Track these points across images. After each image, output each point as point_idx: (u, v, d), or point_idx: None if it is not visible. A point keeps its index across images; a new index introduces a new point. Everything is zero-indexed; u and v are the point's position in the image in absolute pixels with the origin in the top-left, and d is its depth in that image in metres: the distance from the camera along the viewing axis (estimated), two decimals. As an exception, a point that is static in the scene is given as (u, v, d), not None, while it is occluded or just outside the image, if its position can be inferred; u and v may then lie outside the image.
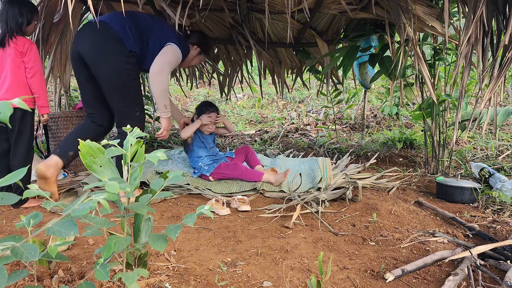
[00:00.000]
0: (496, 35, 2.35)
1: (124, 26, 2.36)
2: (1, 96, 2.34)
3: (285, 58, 4.22)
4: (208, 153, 3.10)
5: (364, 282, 1.56)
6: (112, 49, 2.32)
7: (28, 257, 0.84)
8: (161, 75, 2.41)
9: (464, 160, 3.54)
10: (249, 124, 6.20)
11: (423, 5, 2.63)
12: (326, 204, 2.48)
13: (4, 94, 2.35)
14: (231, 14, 3.47)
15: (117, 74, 2.34)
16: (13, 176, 0.94)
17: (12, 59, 2.34)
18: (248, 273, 1.59)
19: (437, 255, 1.71)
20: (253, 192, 2.79)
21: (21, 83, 2.37)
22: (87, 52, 2.34)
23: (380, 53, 3.20)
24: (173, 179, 1.20)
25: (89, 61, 2.34)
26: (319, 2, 2.99)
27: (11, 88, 2.35)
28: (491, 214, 2.32)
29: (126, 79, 2.36)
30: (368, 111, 6.25)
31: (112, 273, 1.50)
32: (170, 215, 2.33)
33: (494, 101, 2.41)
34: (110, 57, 2.32)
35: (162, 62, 2.43)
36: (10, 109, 0.90)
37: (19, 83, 2.36)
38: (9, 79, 2.34)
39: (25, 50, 2.35)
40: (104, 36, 2.32)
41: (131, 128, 1.21)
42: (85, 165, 1.19)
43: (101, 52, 2.32)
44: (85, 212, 0.88)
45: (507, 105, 5.25)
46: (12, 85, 2.35)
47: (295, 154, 4.07)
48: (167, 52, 2.46)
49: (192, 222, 1.12)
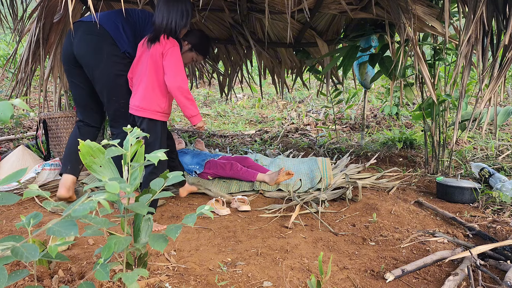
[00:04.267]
0: (496, 35, 2.35)
1: (117, 27, 2.32)
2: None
3: (285, 58, 4.22)
4: (190, 154, 3.20)
5: (364, 282, 1.56)
6: (107, 52, 2.28)
7: (28, 257, 0.84)
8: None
9: (464, 160, 3.54)
10: (249, 124, 6.20)
11: (423, 5, 2.63)
12: (326, 204, 2.48)
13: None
14: (231, 14, 3.47)
15: (112, 76, 2.31)
16: (13, 176, 0.94)
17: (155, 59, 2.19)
18: (248, 273, 1.59)
19: (437, 255, 1.71)
20: (253, 192, 2.79)
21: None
22: (82, 55, 2.31)
23: (380, 53, 3.20)
24: (173, 179, 1.20)
25: (84, 63, 2.33)
26: (319, 2, 2.99)
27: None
28: (491, 214, 2.32)
29: (120, 81, 2.34)
30: (368, 111, 6.25)
31: (112, 273, 1.50)
32: (170, 215, 2.33)
33: (494, 101, 2.41)
34: (104, 59, 2.29)
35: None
36: (10, 109, 0.90)
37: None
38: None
39: (165, 51, 2.18)
40: (99, 39, 2.29)
41: (131, 128, 1.21)
42: (85, 165, 1.19)
43: (96, 55, 2.29)
44: (85, 212, 0.88)
45: (507, 105, 5.25)
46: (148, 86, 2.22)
47: (295, 154, 4.07)
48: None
49: (192, 222, 1.12)
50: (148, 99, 2.17)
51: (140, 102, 2.18)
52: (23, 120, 5.15)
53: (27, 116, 5.18)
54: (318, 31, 3.67)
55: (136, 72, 2.27)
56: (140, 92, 2.19)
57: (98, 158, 1.21)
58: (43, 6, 3.18)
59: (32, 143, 3.72)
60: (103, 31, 2.29)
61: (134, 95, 2.25)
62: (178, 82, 2.15)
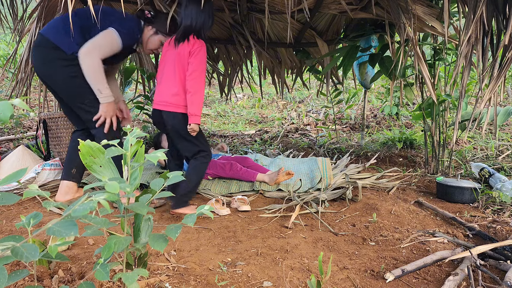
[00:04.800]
0: (496, 35, 2.35)
1: (58, 31, 2.30)
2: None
3: (285, 58, 4.22)
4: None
5: (364, 282, 1.56)
6: (53, 58, 2.28)
7: (28, 257, 0.84)
8: (86, 57, 2.24)
9: (464, 160, 3.54)
10: (249, 124, 6.20)
11: (423, 5, 2.63)
12: (326, 204, 2.48)
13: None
14: (231, 14, 3.47)
15: (67, 80, 2.30)
16: (13, 176, 0.94)
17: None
18: (248, 273, 1.59)
19: (437, 255, 1.71)
20: (253, 192, 2.79)
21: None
22: (37, 70, 2.35)
23: (380, 53, 3.20)
24: (173, 179, 1.20)
25: (41, 76, 2.36)
26: (319, 2, 2.99)
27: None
28: (491, 214, 2.32)
29: (76, 82, 2.30)
30: (368, 111, 6.25)
31: (112, 273, 1.50)
32: (170, 215, 2.33)
33: (494, 101, 2.41)
34: (54, 67, 2.29)
35: (91, 43, 2.27)
36: (10, 109, 0.90)
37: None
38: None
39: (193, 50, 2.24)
40: (42, 50, 2.29)
41: (131, 128, 1.21)
42: (85, 165, 1.20)
43: (44, 66, 2.30)
44: (85, 212, 0.88)
45: (507, 105, 5.25)
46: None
47: (295, 154, 4.07)
48: (98, 36, 2.31)
49: (192, 222, 1.12)
50: (179, 95, 2.26)
51: (171, 98, 2.26)
52: (23, 120, 5.15)
53: (27, 116, 5.19)
54: (318, 31, 3.67)
55: (161, 69, 2.34)
56: (169, 89, 2.27)
57: (98, 158, 1.21)
58: (43, 6, 3.18)
59: (32, 143, 3.72)
60: (44, 39, 2.29)
61: (161, 91, 2.31)
62: (199, 81, 2.24)
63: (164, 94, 2.29)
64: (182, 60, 2.23)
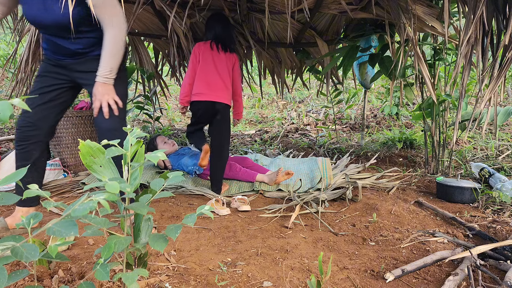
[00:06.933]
0: (496, 35, 2.35)
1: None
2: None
3: (285, 58, 4.22)
4: (188, 155, 3.21)
5: (364, 282, 1.56)
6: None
7: (28, 257, 0.84)
8: (124, 30, 1.98)
9: (464, 160, 3.54)
10: (249, 124, 6.20)
11: (423, 5, 2.63)
12: (326, 204, 2.48)
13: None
14: (231, 14, 3.47)
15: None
16: (13, 176, 0.94)
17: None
18: (248, 273, 1.59)
19: (437, 255, 1.71)
20: (253, 192, 2.79)
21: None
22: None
23: (380, 53, 3.20)
24: (173, 179, 1.20)
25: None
26: (319, 2, 2.99)
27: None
28: (491, 214, 2.32)
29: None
30: (368, 111, 6.25)
31: (112, 273, 1.50)
32: (170, 215, 2.33)
33: (494, 101, 2.41)
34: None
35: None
36: (10, 109, 0.90)
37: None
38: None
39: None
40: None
41: (131, 128, 1.21)
42: (85, 165, 1.19)
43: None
44: (85, 212, 0.88)
45: (507, 105, 5.26)
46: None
47: (295, 154, 4.07)
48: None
49: (192, 222, 1.12)
50: (229, 93, 2.75)
51: (223, 93, 2.69)
52: (23, 120, 5.14)
53: (27, 116, 5.17)
54: (318, 31, 3.67)
55: (206, 68, 2.68)
56: (223, 86, 2.69)
57: (98, 158, 1.21)
58: (43, 6, 3.17)
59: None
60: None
61: (215, 87, 2.66)
62: (241, 89, 2.91)
63: (219, 90, 2.69)
64: (229, 67, 2.75)
